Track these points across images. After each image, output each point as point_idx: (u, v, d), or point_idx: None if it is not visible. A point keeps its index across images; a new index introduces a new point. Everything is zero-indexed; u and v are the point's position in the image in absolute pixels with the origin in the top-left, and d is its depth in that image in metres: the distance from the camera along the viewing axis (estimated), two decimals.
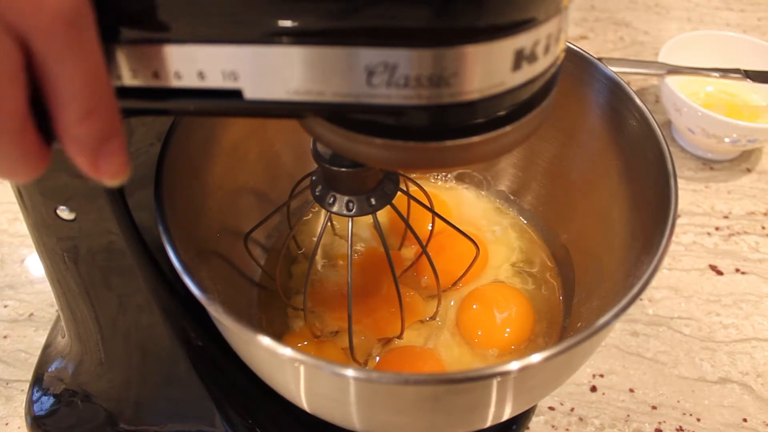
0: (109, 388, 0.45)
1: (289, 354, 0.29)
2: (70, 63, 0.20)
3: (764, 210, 0.65)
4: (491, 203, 0.55)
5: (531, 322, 0.47)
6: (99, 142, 0.22)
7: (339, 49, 0.22)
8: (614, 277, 0.41)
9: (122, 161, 0.23)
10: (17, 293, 0.57)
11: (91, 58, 0.21)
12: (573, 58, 0.42)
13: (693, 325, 0.55)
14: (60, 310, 0.44)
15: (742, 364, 0.53)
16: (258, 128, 0.47)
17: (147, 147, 0.37)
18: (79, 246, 0.36)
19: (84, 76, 0.21)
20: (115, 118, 0.22)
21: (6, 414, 0.50)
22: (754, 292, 0.58)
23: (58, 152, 0.27)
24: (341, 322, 0.46)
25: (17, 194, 0.35)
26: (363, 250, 0.51)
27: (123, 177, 0.23)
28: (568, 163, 0.48)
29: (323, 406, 0.36)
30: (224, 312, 0.30)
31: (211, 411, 0.44)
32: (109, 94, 0.22)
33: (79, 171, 0.23)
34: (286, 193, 0.46)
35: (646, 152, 0.39)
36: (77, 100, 0.21)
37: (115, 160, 0.23)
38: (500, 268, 0.51)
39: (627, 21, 0.90)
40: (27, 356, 0.53)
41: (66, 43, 0.20)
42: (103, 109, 0.21)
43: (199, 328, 0.42)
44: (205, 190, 0.42)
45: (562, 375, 0.37)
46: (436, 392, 0.31)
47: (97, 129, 0.22)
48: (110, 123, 0.22)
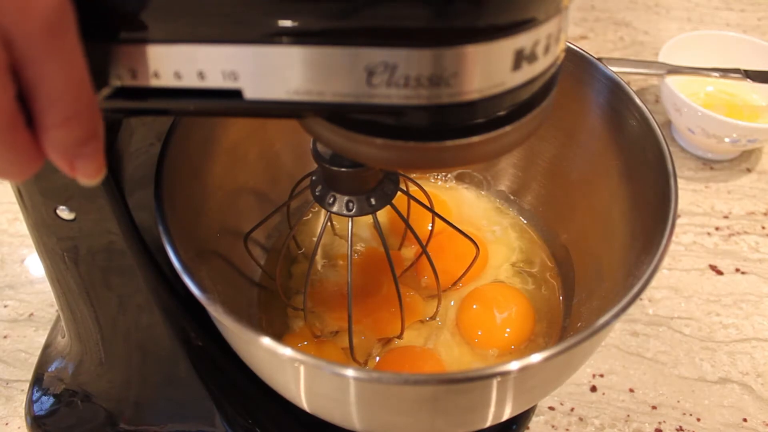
0: (109, 388, 0.45)
1: (289, 354, 0.29)
2: (51, 67, 0.20)
3: (764, 210, 0.65)
4: (491, 203, 0.55)
5: (531, 322, 0.47)
6: (77, 145, 0.22)
7: (339, 49, 0.22)
8: (614, 277, 0.41)
9: (98, 164, 0.23)
10: (17, 293, 0.57)
11: (72, 63, 0.21)
12: (573, 58, 0.42)
13: (693, 325, 0.55)
14: (60, 310, 0.44)
15: (742, 364, 0.53)
16: (258, 128, 0.47)
17: (147, 147, 0.37)
18: (79, 246, 0.36)
19: (65, 81, 0.21)
20: (94, 122, 0.22)
21: (6, 414, 0.50)
22: (754, 292, 0.58)
23: None
24: (341, 322, 0.46)
25: (17, 194, 0.35)
26: (363, 250, 0.51)
27: (98, 178, 0.24)
28: (568, 163, 0.48)
29: (323, 406, 0.36)
30: (224, 312, 0.30)
31: (211, 411, 0.44)
32: (90, 99, 0.22)
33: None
34: (286, 193, 0.46)
35: (646, 152, 0.39)
36: (58, 104, 0.21)
37: (91, 162, 0.23)
38: (500, 268, 0.51)
39: (627, 21, 0.90)
40: (27, 356, 0.53)
41: (48, 48, 0.20)
42: (83, 113, 0.22)
43: (199, 328, 0.42)
44: (205, 190, 0.42)
45: (562, 375, 0.37)
46: (436, 392, 0.31)
47: (76, 133, 0.22)
48: (89, 127, 0.22)
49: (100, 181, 0.24)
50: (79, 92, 0.21)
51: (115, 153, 0.33)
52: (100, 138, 0.23)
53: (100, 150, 0.23)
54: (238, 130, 0.45)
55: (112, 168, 0.33)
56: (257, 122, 0.46)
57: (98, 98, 0.24)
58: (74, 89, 0.21)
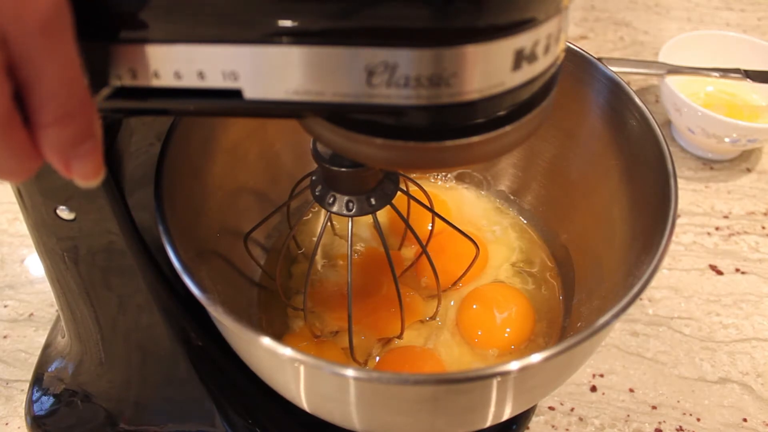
0: (109, 388, 0.45)
1: (289, 354, 0.29)
2: (46, 66, 0.21)
3: (764, 210, 0.65)
4: (491, 203, 0.55)
5: (531, 322, 0.47)
6: (72, 144, 0.22)
7: (339, 49, 0.22)
8: (614, 277, 0.41)
9: (96, 164, 0.23)
10: (17, 293, 0.57)
11: (67, 63, 0.21)
12: (573, 58, 0.42)
13: (693, 325, 0.55)
14: (60, 310, 0.44)
15: (742, 364, 0.53)
16: (258, 128, 0.47)
17: (147, 147, 0.37)
18: (79, 246, 0.36)
19: (60, 79, 0.21)
20: (90, 121, 0.22)
21: (6, 414, 0.50)
22: (754, 292, 0.58)
23: None
24: (341, 322, 0.46)
25: (17, 194, 0.35)
26: (363, 250, 0.51)
27: (97, 179, 0.24)
28: (568, 163, 0.48)
29: (323, 406, 0.36)
30: (224, 312, 0.30)
31: (211, 411, 0.44)
32: (86, 98, 0.22)
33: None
34: (286, 193, 0.46)
35: (646, 152, 0.39)
36: (52, 103, 0.21)
37: (88, 163, 0.23)
38: (500, 268, 0.51)
39: (627, 21, 0.90)
40: (27, 356, 0.53)
41: (43, 47, 0.20)
42: (78, 112, 0.22)
43: (199, 329, 0.42)
44: (205, 190, 0.42)
45: (562, 375, 0.37)
46: (436, 392, 0.31)
47: (71, 131, 0.22)
48: (85, 126, 0.22)
49: (98, 183, 0.24)
50: (73, 89, 0.21)
51: (115, 153, 0.33)
52: (97, 138, 0.23)
53: (96, 151, 0.23)
54: (238, 130, 0.45)
55: (112, 168, 0.33)
56: (257, 122, 0.46)
57: (97, 98, 0.24)
58: (69, 86, 0.21)
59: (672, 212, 0.35)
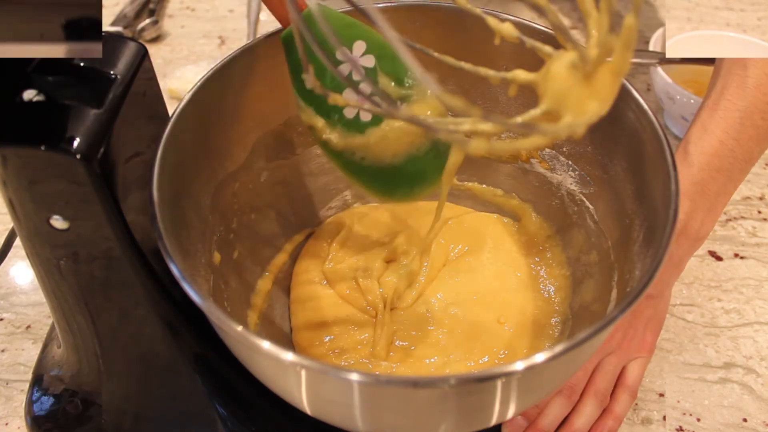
0: (109, 399, 0.44)
1: (291, 359, 0.29)
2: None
3: (759, 195, 0.65)
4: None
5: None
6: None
7: None
8: (615, 275, 0.41)
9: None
10: (13, 305, 0.57)
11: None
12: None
13: (695, 312, 0.55)
14: (56, 322, 0.43)
15: (745, 348, 0.53)
16: (258, 127, 0.46)
17: (144, 148, 0.36)
18: (75, 255, 0.35)
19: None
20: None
21: (6, 414, 0.49)
22: (753, 277, 0.58)
23: (50, 158, 0.26)
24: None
25: (9, 205, 0.34)
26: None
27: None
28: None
29: (326, 409, 0.35)
30: (225, 318, 0.30)
31: (213, 420, 0.44)
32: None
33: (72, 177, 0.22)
34: (286, 194, 0.45)
35: (645, 145, 0.38)
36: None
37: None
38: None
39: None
40: (26, 369, 0.52)
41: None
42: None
43: (199, 336, 0.41)
44: (201, 193, 0.42)
45: (567, 373, 0.37)
46: (445, 394, 0.31)
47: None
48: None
49: None
50: None
51: (109, 158, 0.32)
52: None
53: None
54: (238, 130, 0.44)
55: (106, 174, 0.32)
56: (256, 122, 0.45)
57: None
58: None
59: (673, 207, 0.34)
